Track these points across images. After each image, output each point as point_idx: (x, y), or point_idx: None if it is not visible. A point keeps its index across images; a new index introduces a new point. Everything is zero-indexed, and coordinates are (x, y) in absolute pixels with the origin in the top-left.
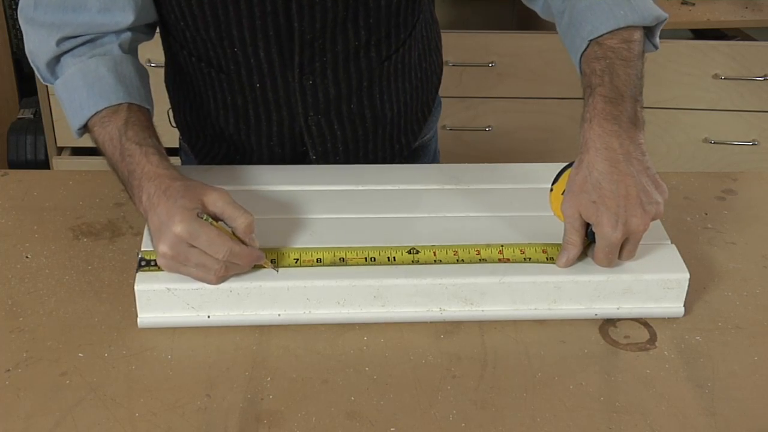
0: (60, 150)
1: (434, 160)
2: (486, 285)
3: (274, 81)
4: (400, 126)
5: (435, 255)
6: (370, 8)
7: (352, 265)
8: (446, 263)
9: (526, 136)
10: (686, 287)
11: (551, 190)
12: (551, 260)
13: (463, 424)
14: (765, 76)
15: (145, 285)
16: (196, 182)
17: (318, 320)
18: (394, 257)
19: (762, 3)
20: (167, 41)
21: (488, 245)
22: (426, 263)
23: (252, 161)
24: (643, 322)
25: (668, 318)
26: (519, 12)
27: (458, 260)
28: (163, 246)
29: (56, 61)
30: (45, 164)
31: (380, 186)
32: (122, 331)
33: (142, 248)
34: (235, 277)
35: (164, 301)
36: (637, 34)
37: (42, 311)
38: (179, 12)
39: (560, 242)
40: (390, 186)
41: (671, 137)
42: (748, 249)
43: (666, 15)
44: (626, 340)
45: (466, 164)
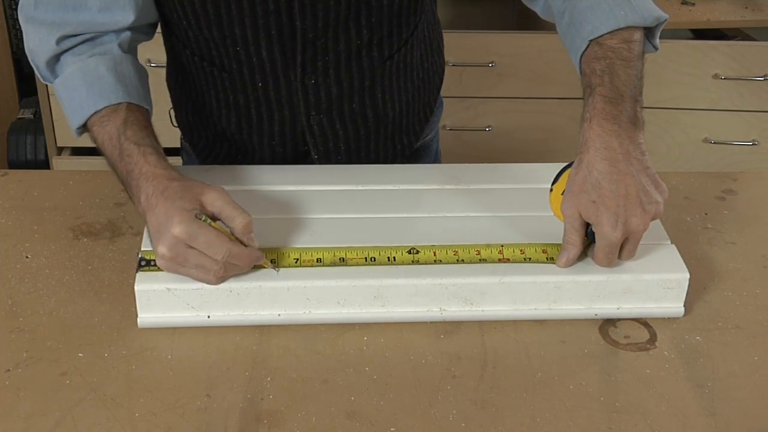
0: (60, 150)
1: (436, 161)
2: (486, 285)
3: (277, 80)
4: (402, 126)
5: (435, 255)
6: (373, 7)
7: (352, 265)
8: (446, 263)
9: (526, 136)
10: (686, 287)
11: (551, 191)
12: (551, 260)
13: (463, 424)
14: (765, 76)
15: (145, 285)
16: (194, 182)
17: (318, 320)
18: (394, 257)
19: (762, 3)
20: (169, 41)
21: (488, 245)
22: (426, 263)
23: (254, 161)
24: (643, 322)
25: (668, 318)
26: (519, 12)
27: (458, 260)
28: (162, 247)
29: (56, 60)
30: (45, 164)
31: (380, 186)
32: (122, 331)
33: (142, 248)
34: (235, 277)
35: (164, 301)
36: (638, 35)
37: (42, 311)
38: (182, 11)
39: (560, 242)
40: (390, 186)
41: (671, 137)
42: (748, 249)
43: (666, 16)
44: (626, 340)
45: (466, 164)
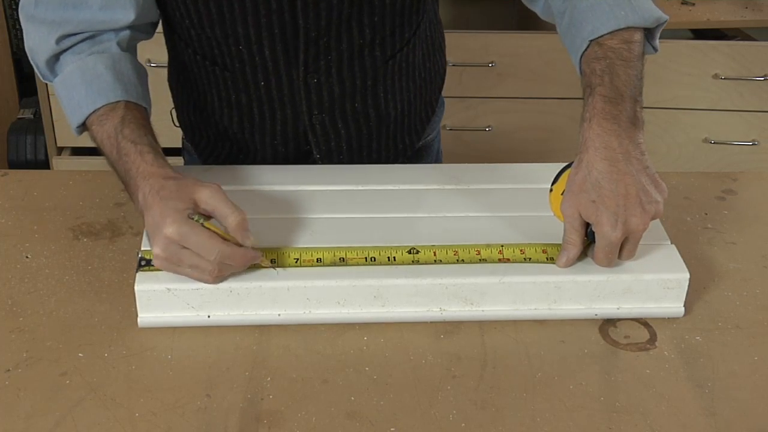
0: (60, 150)
1: (437, 160)
2: (486, 285)
3: (279, 79)
4: (404, 125)
5: (435, 255)
6: (375, 6)
7: (352, 265)
8: (446, 263)
9: (526, 136)
10: (686, 287)
11: (551, 191)
12: (551, 260)
13: (463, 424)
14: (765, 76)
15: (145, 285)
16: (189, 180)
17: (318, 320)
18: (394, 257)
19: (762, 3)
20: (171, 40)
21: (488, 245)
22: (426, 263)
23: (256, 160)
24: (643, 322)
25: (668, 318)
26: (519, 12)
27: (458, 260)
28: (156, 248)
29: (55, 59)
30: (45, 164)
31: (380, 186)
32: (122, 331)
33: (142, 248)
34: (235, 277)
35: (164, 301)
36: (638, 35)
37: (42, 311)
38: (184, 10)
39: (560, 242)
40: (390, 186)
41: (671, 137)
42: (748, 249)
43: (666, 17)
44: (626, 340)
45: (466, 164)
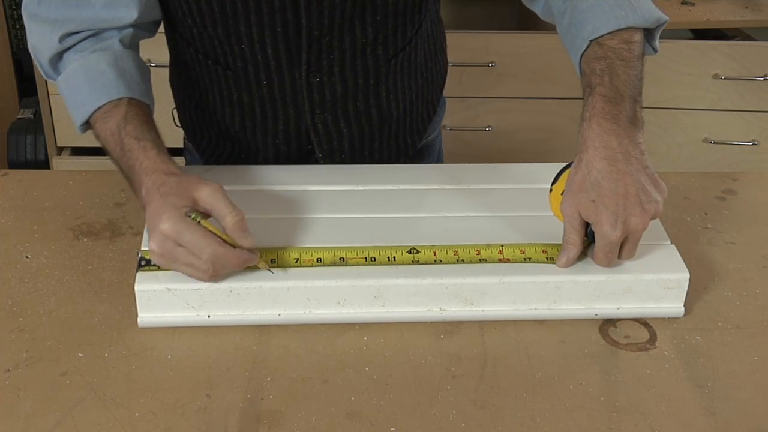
0: (60, 150)
1: (438, 160)
2: (486, 285)
3: (281, 78)
4: (406, 125)
5: (435, 255)
6: (378, 5)
7: (352, 265)
8: (446, 263)
9: (526, 136)
10: (686, 287)
11: (551, 191)
12: (551, 260)
13: (463, 424)
14: (765, 76)
15: (145, 285)
16: (191, 177)
17: (318, 320)
18: (394, 257)
19: (762, 3)
20: (173, 39)
21: (488, 245)
22: (426, 263)
23: (257, 160)
24: (643, 322)
25: (668, 318)
26: (519, 12)
27: (458, 260)
28: (152, 243)
29: (59, 58)
30: (45, 164)
31: (380, 186)
32: (122, 331)
33: (142, 248)
34: (235, 277)
35: (164, 301)
36: (638, 36)
37: (42, 311)
38: (186, 9)
39: (560, 242)
40: (390, 186)
41: (671, 137)
42: (748, 249)
43: (666, 18)
44: (626, 340)
45: (466, 164)
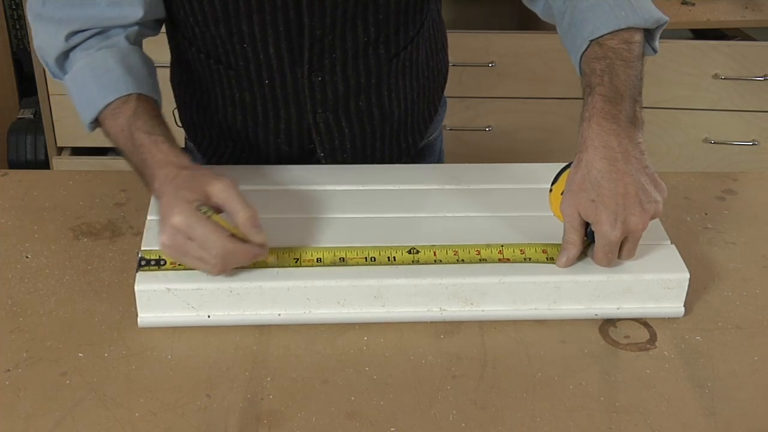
0: (60, 150)
1: (439, 160)
2: (486, 285)
3: (283, 77)
4: (407, 124)
5: (435, 255)
6: (380, 5)
7: (352, 265)
8: (446, 263)
9: (526, 136)
10: (686, 287)
11: (550, 191)
12: (551, 260)
13: (463, 424)
14: (765, 76)
15: (145, 285)
16: (204, 171)
17: (318, 320)
18: (394, 257)
19: (762, 3)
20: (174, 39)
21: (488, 245)
22: (426, 263)
23: (259, 159)
24: (643, 322)
25: (668, 318)
26: (519, 12)
27: (458, 260)
28: (163, 236)
29: (65, 57)
30: (45, 164)
31: (380, 186)
32: (122, 331)
33: (142, 248)
34: (235, 277)
35: (164, 301)
36: (638, 36)
37: (42, 311)
38: (189, 8)
39: (560, 242)
40: (390, 186)
41: (671, 137)
42: (748, 249)
43: (666, 18)
44: (626, 340)
45: (467, 164)
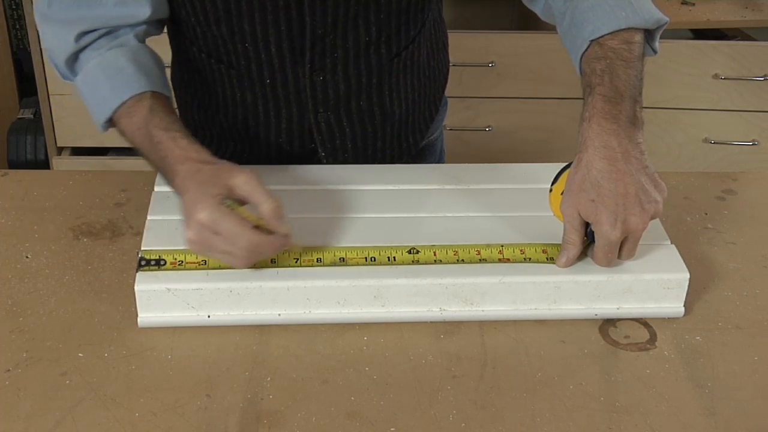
0: (60, 150)
1: (440, 160)
2: (486, 285)
3: (285, 77)
4: (408, 124)
5: (435, 255)
6: (381, 4)
7: (352, 265)
8: (446, 263)
9: (526, 136)
10: (686, 287)
11: (550, 191)
12: (551, 260)
13: (463, 424)
14: (765, 76)
15: (145, 285)
16: (225, 165)
17: (318, 320)
18: (394, 257)
19: (762, 3)
20: (176, 38)
21: (488, 245)
22: (426, 263)
23: (260, 159)
24: (643, 322)
25: (668, 318)
26: (519, 12)
27: (458, 260)
28: (189, 232)
29: (75, 58)
30: (45, 164)
31: (380, 186)
32: (122, 331)
33: (142, 248)
34: (235, 277)
35: (164, 301)
36: (638, 36)
37: (42, 311)
38: (190, 7)
39: (560, 242)
40: (390, 186)
41: (671, 137)
42: (748, 249)
43: (667, 19)
44: (626, 340)
45: (467, 164)
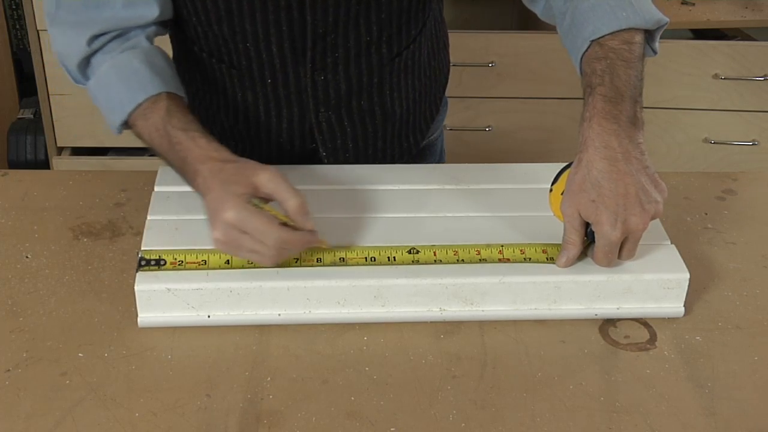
0: (60, 150)
1: (441, 160)
2: (486, 285)
3: (286, 76)
4: (409, 124)
5: (435, 255)
6: (382, 4)
7: (352, 265)
8: (446, 263)
9: (526, 136)
10: (686, 287)
11: (551, 191)
12: (551, 260)
13: (463, 424)
14: (765, 76)
15: (145, 285)
16: (248, 163)
17: (318, 320)
18: (394, 257)
19: (762, 3)
20: (177, 38)
21: (488, 245)
22: (426, 263)
23: (261, 159)
24: (643, 322)
25: (668, 318)
26: (519, 12)
27: (458, 260)
28: (216, 232)
29: (87, 62)
30: (45, 164)
31: (380, 186)
32: (122, 331)
33: (142, 248)
34: (235, 277)
35: (164, 301)
36: (638, 37)
37: (42, 311)
38: (191, 7)
39: (560, 242)
40: (390, 186)
41: (671, 137)
42: (748, 249)
43: (667, 19)
44: (626, 340)
45: (467, 164)
